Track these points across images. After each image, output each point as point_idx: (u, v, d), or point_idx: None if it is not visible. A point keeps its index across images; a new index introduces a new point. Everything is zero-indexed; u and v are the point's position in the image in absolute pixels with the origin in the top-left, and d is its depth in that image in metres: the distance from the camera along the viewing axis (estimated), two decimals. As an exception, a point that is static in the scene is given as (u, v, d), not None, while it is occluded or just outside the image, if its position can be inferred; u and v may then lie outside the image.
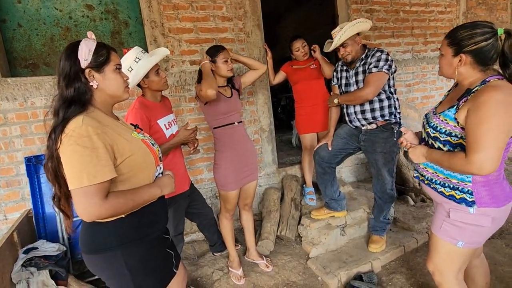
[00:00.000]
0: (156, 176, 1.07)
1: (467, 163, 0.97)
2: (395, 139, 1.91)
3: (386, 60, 1.80)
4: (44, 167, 0.91)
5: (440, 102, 1.26)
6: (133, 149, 0.95)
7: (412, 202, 2.69)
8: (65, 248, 1.95)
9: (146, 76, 1.54)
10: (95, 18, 2.29)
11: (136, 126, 1.13)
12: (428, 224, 2.33)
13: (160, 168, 1.11)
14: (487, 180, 1.08)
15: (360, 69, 1.90)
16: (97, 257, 0.96)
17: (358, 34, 1.90)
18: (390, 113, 1.90)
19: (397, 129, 1.91)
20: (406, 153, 3.17)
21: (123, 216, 0.95)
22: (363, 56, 1.90)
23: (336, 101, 2.02)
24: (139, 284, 0.99)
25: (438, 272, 1.23)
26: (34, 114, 2.10)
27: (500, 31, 1.00)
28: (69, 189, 0.85)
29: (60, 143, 0.85)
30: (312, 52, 2.41)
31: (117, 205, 0.88)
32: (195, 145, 1.76)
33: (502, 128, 0.93)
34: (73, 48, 0.92)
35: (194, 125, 1.77)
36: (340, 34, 1.83)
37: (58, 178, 0.90)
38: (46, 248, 1.87)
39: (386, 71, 1.79)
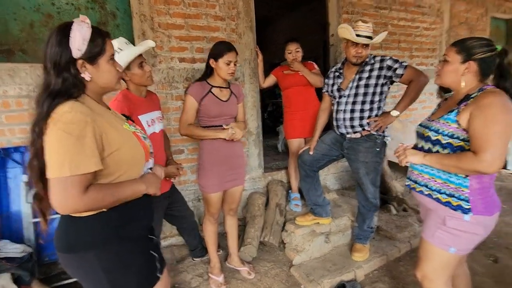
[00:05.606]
0: (145, 172, 1.00)
1: (478, 161, 1.00)
2: (377, 149, 1.91)
3: (396, 60, 1.82)
4: (28, 165, 0.83)
5: (433, 113, 1.29)
6: (122, 141, 0.89)
7: (394, 211, 2.72)
8: (30, 250, 1.80)
9: (128, 68, 1.46)
10: (80, 7, 2.18)
11: (128, 118, 1.06)
12: (411, 233, 2.35)
13: (150, 163, 1.04)
14: (482, 187, 1.10)
15: (365, 75, 1.86)
16: (71, 257, 0.89)
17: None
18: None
19: (380, 139, 1.91)
20: (390, 163, 3.22)
21: (105, 210, 0.87)
22: (367, 59, 1.87)
23: (396, 113, 1.82)
24: (117, 286, 0.91)
25: (428, 279, 1.22)
26: (5, 104, 1.95)
27: (499, 48, 1.08)
28: (47, 177, 0.78)
29: (46, 129, 0.78)
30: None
31: (96, 200, 0.81)
32: (179, 176, 1.75)
33: (508, 128, 0.98)
34: (64, 33, 0.83)
35: (181, 165, 1.77)
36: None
37: (43, 177, 0.81)
38: (9, 249, 1.71)
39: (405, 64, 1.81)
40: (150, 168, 1.06)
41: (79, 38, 0.83)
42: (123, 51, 1.41)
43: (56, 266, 2.01)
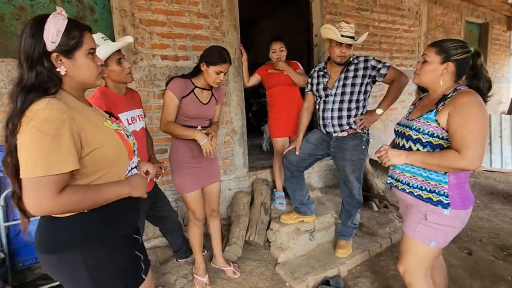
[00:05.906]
0: (129, 171, 0.97)
1: (460, 159, 1.03)
2: (363, 147, 1.96)
3: (379, 61, 1.88)
4: (2, 163, 0.79)
5: (409, 112, 1.33)
6: (104, 139, 0.86)
7: (376, 208, 2.80)
8: (3, 255, 1.70)
9: (106, 64, 1.41)
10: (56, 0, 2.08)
11: (111, 115, 1.01)
12: (391, 229, 2.42)
13: (134, 162, 1.00)
14: (458, 182, 1.15)
15: (350, 74, 1.90)
16: (53, 257, 0.85)
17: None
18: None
19: (365, 137, 1.97)
20: (372, 161, 3.30)
21: (85, 211, 0.84)
22: (351, 59, 1.90)
23: (380, 111, 1.89)
24: (101, 287, 0.88)
25: (409, 273, 1.26)
26: (-27, 101, 1.83)
27: (472, 49, 1.13)
28: (20, 177, 0.74)
29: (20, 127, 0.74)
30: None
31: (72, 202, 0.78)
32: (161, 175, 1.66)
33: (485, 127, 1.03)
34: (39, 25, 0.79)
35: (165, 165, 1.69)
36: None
37: (18, 176, 0.77)
38: (-21, 255, 1.62)
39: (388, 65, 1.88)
40: (136, 167, 1.03)
41: (53, 30, 0.80)
42: (99, 47, 1.36)
43: (31, 272, 1.92)
